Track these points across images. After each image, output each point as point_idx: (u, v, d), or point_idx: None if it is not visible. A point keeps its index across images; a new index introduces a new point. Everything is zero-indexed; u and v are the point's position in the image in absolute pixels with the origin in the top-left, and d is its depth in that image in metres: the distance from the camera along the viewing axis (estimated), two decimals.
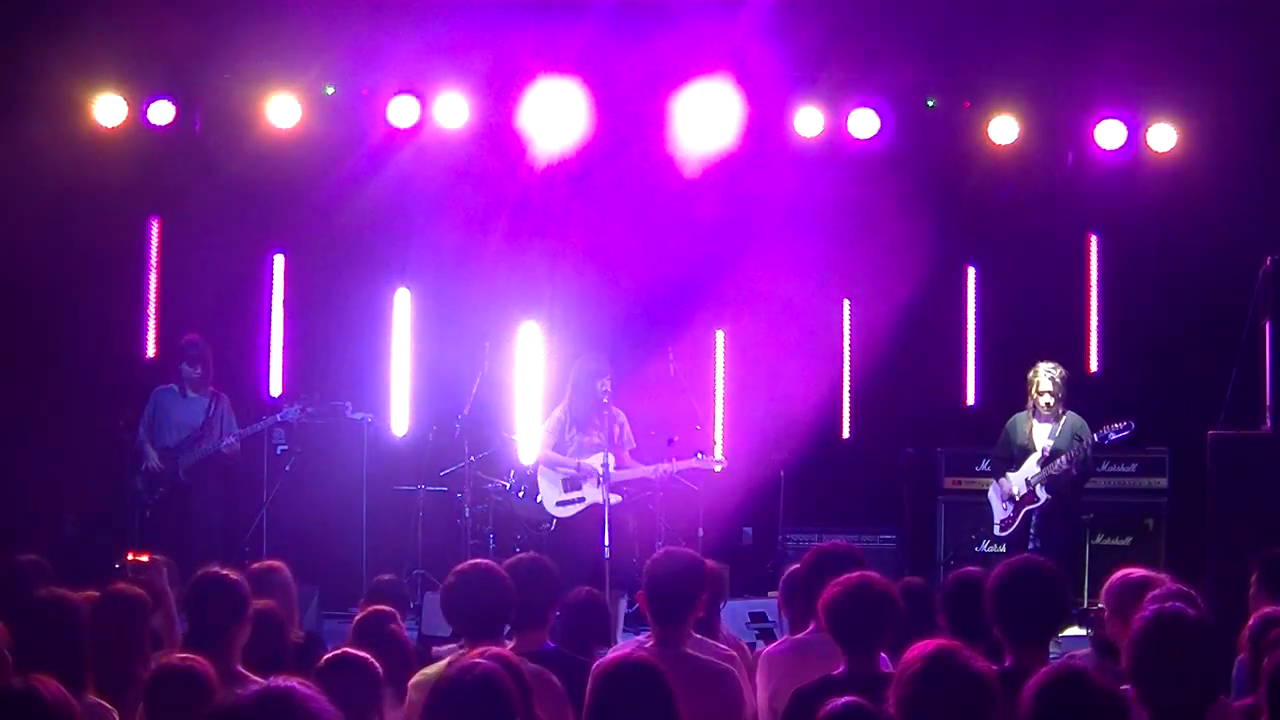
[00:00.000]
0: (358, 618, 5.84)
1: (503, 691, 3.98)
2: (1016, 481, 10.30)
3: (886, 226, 11.58)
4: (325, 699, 3.00)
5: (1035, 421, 10.33)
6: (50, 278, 11.32)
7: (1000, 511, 10.42)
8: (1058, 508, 10.21)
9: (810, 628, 5.73)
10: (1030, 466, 10.25)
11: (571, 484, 10.25)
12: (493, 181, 11.87)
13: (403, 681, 5.27)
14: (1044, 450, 10.21)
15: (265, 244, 12.09)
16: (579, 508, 10.12)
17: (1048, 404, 10.24)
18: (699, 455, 10.56)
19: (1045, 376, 10.27)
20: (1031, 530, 10.18)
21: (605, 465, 10.12)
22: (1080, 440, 10.11)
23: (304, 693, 2.98)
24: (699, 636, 5.68)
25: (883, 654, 5.43)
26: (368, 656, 4.88)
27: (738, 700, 5.27)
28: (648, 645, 5.29)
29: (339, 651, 4.94)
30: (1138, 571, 5.86)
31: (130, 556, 6.10)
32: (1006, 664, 5.04)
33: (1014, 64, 11.39)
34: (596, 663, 4.85)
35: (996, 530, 10.44)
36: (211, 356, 10.73)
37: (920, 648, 4.04)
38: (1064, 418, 10.27)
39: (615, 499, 10.15)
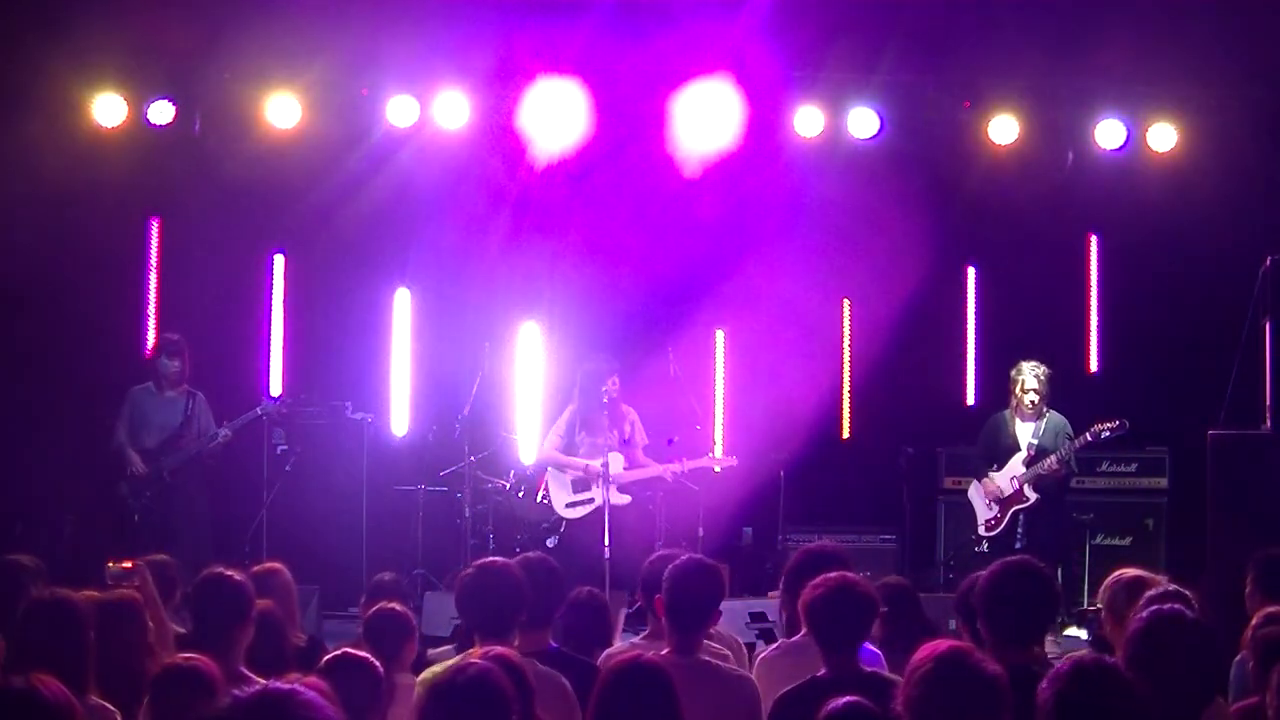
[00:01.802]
0: (370, 613, 5.85)
1: (498, 691, 3.96)
2: (1002, 481, 10.30)
3: (886, 226, 11.58)
4: (326, 701, 2.96)
5: (1018, 420, 10.33)
6: (50, 278, 11.31)
7: (984, 511, 10.40)
8: (1045, 507, 10.21)
9: (803, 631, 5.74)
10: (1015, 466, 10.25)
11: (580, 485, 10.24)
12: (493, 181, 11.87)
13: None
14: (1029, 449, 10.21)
15: (265, 244, 12.09)
16: (588, 509, 10.10)
17: (1032, 402, 10.25)
18: (711, 454, 10.57)
19: (1030, 375, 10.27)
20: (1019, 530, 10.19)
21: (605, 466, 10.11)
22: (1070, 439, 10.11)
23: (305, 695, 2.92)
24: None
25: (877, 651, 5.46)
26: (368, 656, 4.90)
27: (755, 706, 5.28)
28: (664, 651, 5.28)
29: (339, 651, 4.94)
30: (1132, 571, 5.90)
31: (110, 564, 6.07)
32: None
33: (1014, 64, 11.38)
34: (604, 664, 4.85)
35: (980, 530, 10.42)
36: (190, 356, 10.69)
37: (932, 648, 3.99)
38: (1046, 416, 10.27)
39: (625, 499, 10.14)
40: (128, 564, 6.05)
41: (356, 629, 6.34)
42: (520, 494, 10.99)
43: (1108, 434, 10.00)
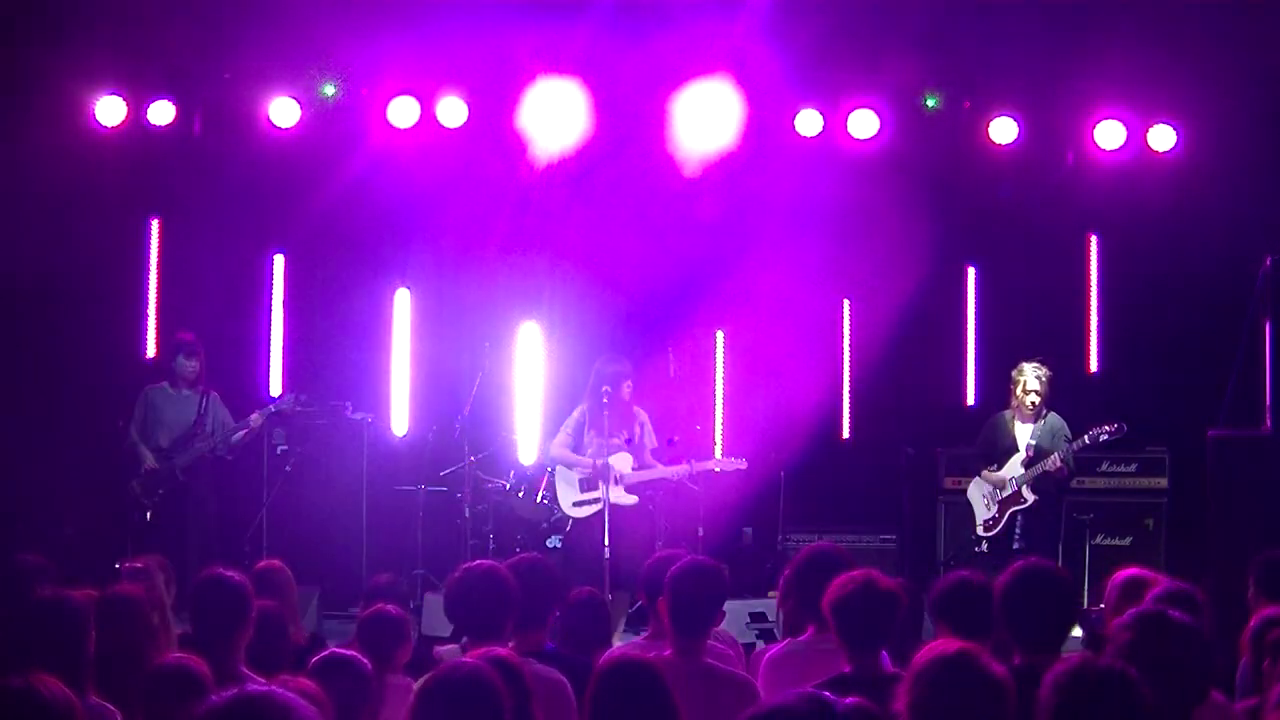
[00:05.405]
0: (364, 615, 5.86)
1: (489, 691, 3.95)
2: (1001, 480, 10.29)
3: (886, 226, 11.57)
4: (308, 702, 2.93)
5: (1018, 421, 10.34)
6: (50, 278, 11.31)
7: (984, 511, 10.41)
8: (1043, 508, 10.22)
9: (809, 630, 5.73)
10: (1014, 466, 10.25)
11: (588, 484, 10.24)
12: (493, 181, 11.87)
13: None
14: (1027, 449, 10.21)
15: (265, 244, 12.08)
16: (595, 508, 10.10)
17: (1033, 403, 10.25)
18: (717, 456, 10.56)
19: (1032, 376, 10.27)
20: (1016, 531, 10.19)
21: (606, 465, 10.11)
22: (1068, 441, 10.12)
23: (282, 697, 2.88)
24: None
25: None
26: (357, 655, 4.91)
27: None
28: (665, 654, 5.27)
29: (328, 652, 4.95)
30: (1137, 572, 5.88)
31: (125, 564, 6.09)
32: (1015, 661, 5.00)
33: (1014, 64, 11.38)
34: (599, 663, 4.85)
35: (979, 530, 10.43)
36: (206, 355, 10.75)
37: (938, 649, 3.96)
38: (1045, 417, 10.28)
39: (631, 500, 10.15)
40: (139, 564, 6.08)
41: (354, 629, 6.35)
42: (520, 494, 10.99)
43: (1106, 437, 10.00)
